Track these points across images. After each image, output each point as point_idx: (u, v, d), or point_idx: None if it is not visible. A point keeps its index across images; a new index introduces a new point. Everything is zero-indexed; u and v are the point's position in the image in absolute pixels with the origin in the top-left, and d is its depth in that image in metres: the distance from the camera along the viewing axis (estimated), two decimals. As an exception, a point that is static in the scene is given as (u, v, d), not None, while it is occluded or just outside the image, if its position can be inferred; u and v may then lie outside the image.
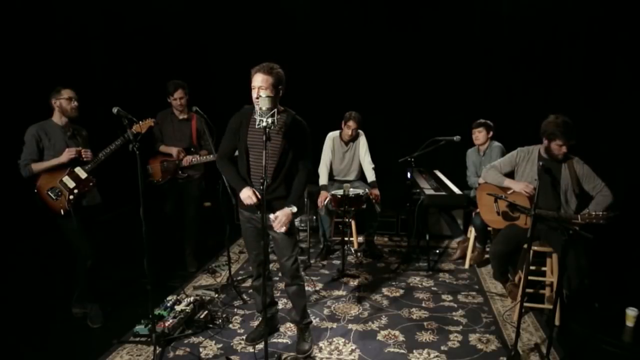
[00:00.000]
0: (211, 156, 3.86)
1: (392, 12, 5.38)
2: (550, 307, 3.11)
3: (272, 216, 2.59)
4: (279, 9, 5.64)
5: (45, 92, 3.14)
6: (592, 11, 4.83)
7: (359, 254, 4.57)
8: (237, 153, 2.73)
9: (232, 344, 2.98)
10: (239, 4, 5.71)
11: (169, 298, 3.34)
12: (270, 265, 4.08)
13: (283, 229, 2.61)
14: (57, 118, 3.14)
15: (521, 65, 5.14)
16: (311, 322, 2.99)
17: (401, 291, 3.76)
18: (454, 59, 5.30)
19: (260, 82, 2.49)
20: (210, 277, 4.03)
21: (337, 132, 4.46)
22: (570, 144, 3.14)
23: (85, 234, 3.14)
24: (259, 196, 2.56)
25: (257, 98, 2.46)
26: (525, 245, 3.00)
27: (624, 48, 4.72)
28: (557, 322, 3.17)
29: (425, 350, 2.90)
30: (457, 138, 3.91)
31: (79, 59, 4.88)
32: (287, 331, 3.12)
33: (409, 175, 4.17)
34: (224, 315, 3.28)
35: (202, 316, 3.18)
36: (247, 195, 2.60)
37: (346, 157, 4.49)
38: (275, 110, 2.40)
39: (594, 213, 3.03)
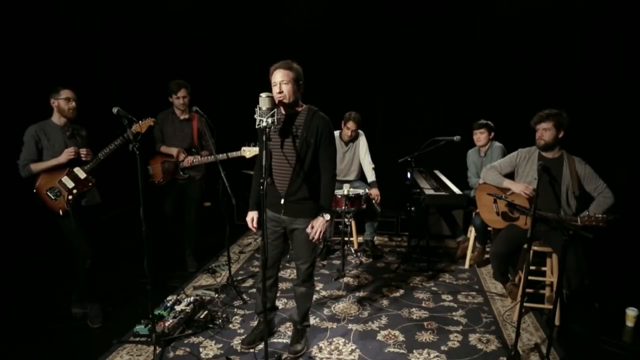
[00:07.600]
0: (212, 157, 3.86)
1: (393, 11, 5.38)
2: (550, 307, 3.11)
3: (308, 229, 2.60)
4: (279, 10, 5.64)
5: (45, 92, 3.13)
6: (592, 11, 4.83)
7: (359, 254, 4.57)
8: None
9: (232, 344, 2.98)
10: (238, 3, 5.71)
11: (169, 298, 3.34)
12: (281, 272, 4.07)
13: (317, 237, 2.60)
14: (57, 118, 3.13)
15: (521, 65, 5.14)
16: (309, 325, 3.00)
17: (401, 291, 3.76)
18: (454, 59, 5.30)
19: (281, 77, 2.50)
20: (210, 277, 4.03)
21: (337, 132, 4.45)
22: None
23: (85, 234, 3.14)
24: (256, 226, 2.78)
25: (280, 93, 2.48)
26: (525, 246, 3.00)
27: (623, 48, 4.72)
28: (557, 322, 3.17)
29: (425, 350, 2.90)
30: (457, 138, 3.90)
31: (79, 59, 4.88)
32: (287, 331, 3.11)
33: (409, 175, 4.17)
34: (224, 315, 3.28)
35: (202, 316, 3.18)
36: (250, 219, 2.80)
37: (346, 157, 4.49)
38: (275, 110, 2.38)
39: (593, 216, 3.02)
